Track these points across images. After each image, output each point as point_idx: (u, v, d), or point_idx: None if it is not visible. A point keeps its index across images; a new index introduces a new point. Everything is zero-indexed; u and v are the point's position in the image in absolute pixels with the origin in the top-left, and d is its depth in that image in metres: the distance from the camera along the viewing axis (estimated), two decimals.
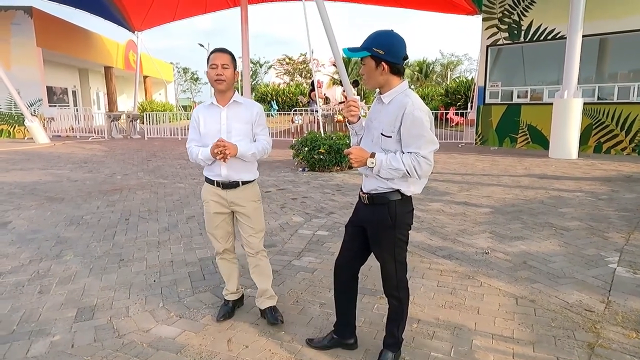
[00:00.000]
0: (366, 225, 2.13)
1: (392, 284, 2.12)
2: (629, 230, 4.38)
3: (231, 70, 2.46)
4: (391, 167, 1.89)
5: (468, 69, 40.07)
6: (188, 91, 54.64)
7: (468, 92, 20.43)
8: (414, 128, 1.87)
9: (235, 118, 2.51)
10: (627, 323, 2.57)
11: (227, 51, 2.50)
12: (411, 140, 1.89)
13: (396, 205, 2.02)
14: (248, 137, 2.55)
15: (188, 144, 2.62)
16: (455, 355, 2.29)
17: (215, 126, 2.50)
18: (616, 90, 11.08)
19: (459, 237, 4.28)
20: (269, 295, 2.68)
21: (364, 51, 1.92)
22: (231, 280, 2.73)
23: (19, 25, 16.96)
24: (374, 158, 1.91)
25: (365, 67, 1.97)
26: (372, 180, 2.05)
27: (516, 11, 12.31)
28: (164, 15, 19.49)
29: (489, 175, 7.91)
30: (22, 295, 3.08)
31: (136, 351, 2.36)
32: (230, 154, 2.40)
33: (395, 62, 1.91)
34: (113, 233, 4.53)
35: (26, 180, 7.68)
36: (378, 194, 2.04)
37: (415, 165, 1.88)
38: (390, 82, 1.96)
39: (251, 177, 2.61)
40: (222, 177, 2.52)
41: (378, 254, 2.14)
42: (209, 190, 2.60)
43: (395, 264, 2.09)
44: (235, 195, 2.55)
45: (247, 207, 2.57)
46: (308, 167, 8.49)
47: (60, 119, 18.08)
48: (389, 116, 1.94)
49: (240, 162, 2.51)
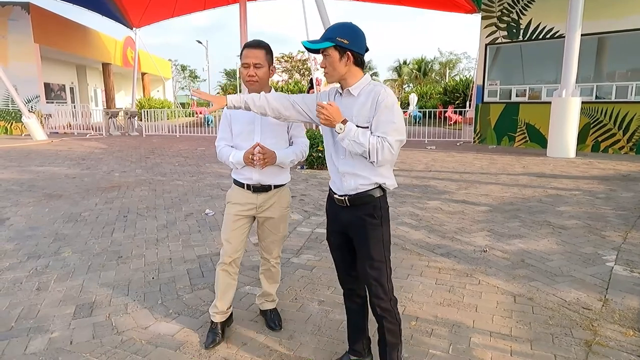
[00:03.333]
0: (350, 230, 1.98)
1: (385, 296, 1.92)
2: (627, 229, 4.40)
3: (265, 69, 2.25)
4: (357, 140, 1.78)
5: (467, 68, 40.17)
6: (186, 88, 54.51)
7: (467, 90, 20.47)
8: (385, 114, 1.80)
9: (270, 119, 2.24)
10: (624, 321, 2.59)
11: (261, 45, 2.27)
12: (381, 125, 1.81)
13: (380, 202, 1.93)
14: (283, 139, 2.37)
15: (217, 142, 2.44)
16: (453, 352, 2.30)
17: (247, 127, 2.32)
18: (614, 90, 11.11)
19: (457, 235, 4.29)
20: (271, 299, 2.64)
21: (327, 42, 1.82)
22: (224, 298, 2.43)
23: (16, 21, 16.88)
24: (345, 125, 1.80)
25: (327, 59, 1.86)
26: (350, 178, 1.90)
27: (515, 10, 12.33)
28: (163, 12, 19.45)
29: (487, 173, 7.93)
30: (20, 291, 3.07)
31: (135, 348, 2.36)
32: (268, 162, 2.24)
33: (359, 53, 1.85)
34: (111, 230, 4.52)
35: (24, 177, 7.66)
36: (359, 193, 1.91)
37: (378, 148, 1.78)
38: (354, 74, 1.88)
39: (284, 181, 2.43)
40: (254, 180, 2.34)
41: (366, 260, 1.93)
42: (237, 192, 2.41)
43: (386, 270, 1.93)
44: (265, 199, 2.38)
45: (275, 212, 2.42)
46: (306, 165, 8.49)
47: (57, 115, 18.02)
48: (364, 106, 1.85)
49: (274, 166, 2.33)
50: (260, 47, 2.25)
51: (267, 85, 2.32)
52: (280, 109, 2.05)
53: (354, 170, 1.90)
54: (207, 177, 7.69)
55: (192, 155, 10.67)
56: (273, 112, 2.07)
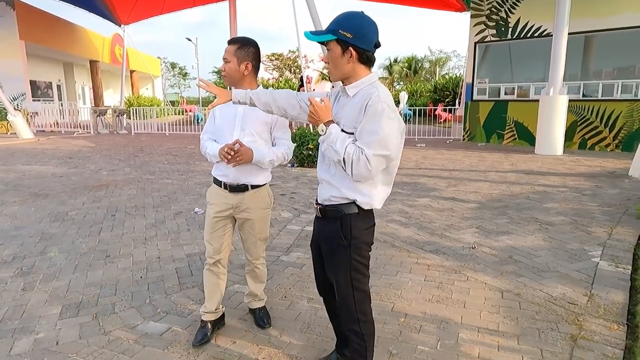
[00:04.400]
0: (321, 243, 1.87)
1: (352, 318, 1.79)
2: (612, 225, 4.47)
3: (233, 65, 2.20)
4: (334, 146, 1.61)
5: (456, 66, 40.34)
6: (176, 86, 54.07)
7: (456, 88, 20.61)
8: (371, 122, 1.58)
9: (251, 116, 2.22)
10: (608, 315, 2.63)
11: (235, 41, 2.24)
12: (363, 134, 1.59)
13: (351, 220, 1.71)
14: (263, 138, 2.28)
15: (202, 135, 2.42)
16: (441, 348, 2.31)
17: (228, 122, 2.27)
18: (601, 88, 11.27)
19: (446, 232, 4.32)
20: (258, 298, 2.60)
21: (329, 34, 1.62)
22: (212, 298, 2.41)
23: (1, 17, 16.57)
24: (328, 127, 1.64)
25: (330, 54, 1.67)
26: (326, 187, 1.76)
27: (504, 8, 12.42)
28: (151, 9, 19.22)
29: (476, 171, 7.99)
30: (5, 292, 3.02)
31: (122, 348, 2.33)
32: (242, 160, 2.17)
33: (365, 48, 1.62)
34: (99, 229, 4.47)
35: (9, 175, 7.53)
36: (331, 205, 1.74)
37: (354, 160, 1.57)
38: (358, 72, 1.66)
39: (262, 181, 2.34)
40: (230, 178, 2.28)
41: (332, 279, 1.82)
42: (214, 191, 2.36)
43: (353, 292, 1.76)
44: (242, 199, 2.30)
45: (253, 214, 2.33)
46: (297, 163, 8.47)
47: (44, 113, 17.75)
48: (353, 109, 1.65)
49: (251, 165, 2.25)
50: (233, 43, 2.23)
51: (241, 81, 2.24)
52: (286, 108, 1.91)
53: (330, 179, 1.74)
54: (196, 175, 7.64)
55: (181, 154, 10.59)
56: (279, 111, 1.93)
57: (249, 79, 2.27)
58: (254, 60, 2.26)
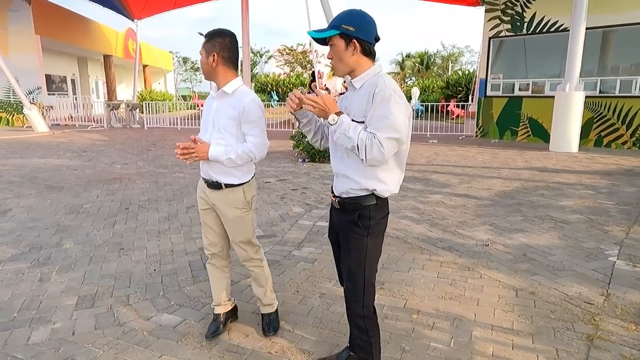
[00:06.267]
0: (339, 233, 1.94)
1: (357, 308, 1.85)
2: (629, 224, 4.38)
3: (202, 57, 2.15)
4: (347, 133, 1.67)
5: (469, 61, 39.84)
6: (188, 81, 54.32)
7: (469, 84, 20.35)
8: (380, 108, 1.66)
9: (221, 111, 2.17)
10: (626, 315, 2.58)
11: (205, 34, 2.17)
12: (373, 119, 1.67)
13: (370, 211, 1.79)
14: (233, 135, 2.16)
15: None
16: (455, 346, 2.30)
17: (206, 118, 2.26)
18: (618, 84, 11.03)
19: (459, 229, 4.28)
20: (263, 303, 2.47)
21: (332, 30, 1.72)
22: (217, 291, 2.43)
23: (17, 12, 16.78)
24: (339, 117, 1.69)
25: (333, 49, 1.76)
26: (344, 180, 1.82)
27: (519, 3, 12.21)
28: (164, 3, 19.31)
29: (489, 167, 7.91)
30: (23, 282, 3.08)
31: (137, 339, 2.36)
32: (197, 157, 2.12)
33: (367, 41, 1.73)
34: (113, 222, 4.52)
35: (25, 168, 7.66)
36: (350, 197, 1.81)
37: (367, 145, 1.64)
38: (362, 64, 1.76)
39: (234, 181, 2.21)
40: (204, 173, 2.27)
41: (345, 267, 1.90)
42: (200, 185, 2.37)
43: (364, 281, 1.82)
44: (217, 197, 2.24)
45: (227, 213, 2.24)
46: (308, 158, 8.47)
47: (59, 107, 18.00)
48: (361, 99, 1.73)
49: (218, 163, 2.18)
50: (204, 36, 2.16)
51: (213, 74, 2.17)
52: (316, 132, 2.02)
53: (346, 172, 1.80)
54: None
55: None
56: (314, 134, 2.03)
57: (221, 72, 2.15)
58: (222, 51, 2.13)
